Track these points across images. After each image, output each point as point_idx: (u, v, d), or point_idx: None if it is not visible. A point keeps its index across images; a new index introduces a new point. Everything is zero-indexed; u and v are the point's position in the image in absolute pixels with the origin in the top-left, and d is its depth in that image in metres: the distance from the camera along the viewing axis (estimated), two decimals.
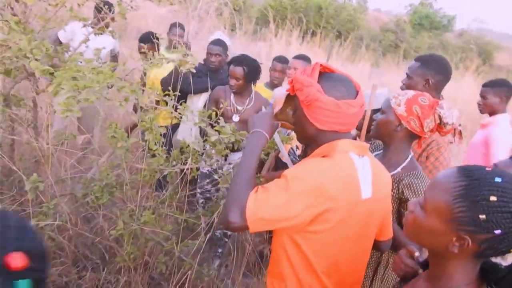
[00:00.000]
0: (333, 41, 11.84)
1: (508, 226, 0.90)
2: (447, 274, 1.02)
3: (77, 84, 1.48)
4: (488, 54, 19.67)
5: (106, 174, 2.19)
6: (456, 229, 0.95)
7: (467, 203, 0.93)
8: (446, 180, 0.99)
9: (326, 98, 1.35)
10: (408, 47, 17.36)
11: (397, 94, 1.85)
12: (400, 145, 1.86)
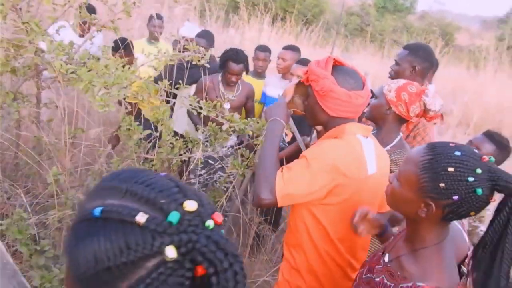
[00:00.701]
0: (300, 26, 12.00)
1: (464, 192, 1.08)
2: (420, 236, 1.22)
3: (106, 81, 1.61)
4: (450, 35, 20.30)
5: (117, 165, 2.31)
6: (423, 196, 1.14)
7: (430, 174, 1.12)
8: (415, 155, 1.19)
9: (339, 89, 1.55)
10: (374, 31, 17.73)
11: (391, 82, 2.07)
12: (390, 126, 2.08)
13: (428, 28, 19.58)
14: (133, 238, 0.53)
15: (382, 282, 1.26)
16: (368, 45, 13.85)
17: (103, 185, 0.62)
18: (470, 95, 9.01)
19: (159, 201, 0.56)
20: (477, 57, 13.05)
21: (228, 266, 0.53)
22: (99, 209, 0.56)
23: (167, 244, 0.53)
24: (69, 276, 0.60)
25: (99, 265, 0.54)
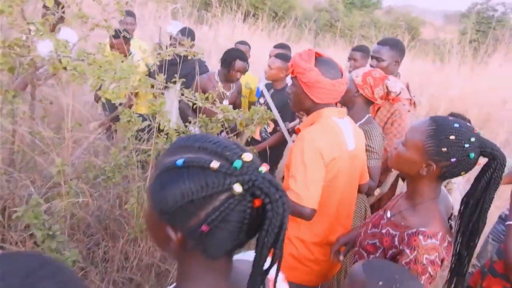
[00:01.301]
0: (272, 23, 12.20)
1: (460, 156, 1.36)
2: (419, 192, 1.50)
3: (114, 76, 1.75)
4: (415, 30, 20.91)
5: (115, 156, 2.45)
6: (426, 158, 1.42)
7: (435, 141, 1.39)
8: (421, 125, 1.45)
9: (324, 79, 1.78)
10: (343, 26, 18.12)
11: (358, 70, 2.37)
12: (358, 107, 2.37)
13: (394, 23, 20.14)
14: (210, 179, 0.71)
15: (388, 232, 1.52)
16: (338, 40, 14.16)
17: (178, 145, 0.79)
18: (436, 87, 9.43)
19: (225, 153, 0.74)
20: (441, 51, 13.53)
21: (278, 197, 0.71)
22: (181, 160, 0.74)
23: (234, 182, 0.71)
24: (153, 214, 0.79)
25: (185, 199, 0.72)
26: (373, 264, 1.33)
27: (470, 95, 9.59)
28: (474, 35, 17.64)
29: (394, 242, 1.48)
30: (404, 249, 1.41)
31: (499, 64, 11.04)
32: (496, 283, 1.89)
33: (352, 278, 1.27)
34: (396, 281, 1.17)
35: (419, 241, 1.38)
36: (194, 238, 0.75)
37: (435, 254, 1.37)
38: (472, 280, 2.09)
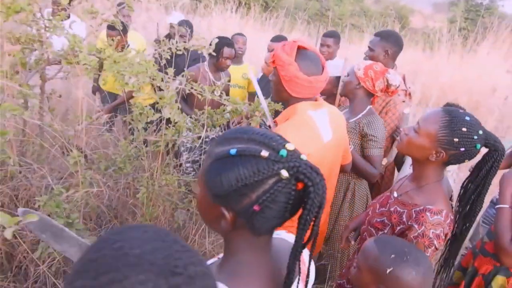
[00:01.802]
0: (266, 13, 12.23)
1: (469, 146, 1.51)
2: (425, 175, 1.64)
3: (132, 71, 1.84)
4: (405, 19, 21.03)
5: (126, 147, 2.54)
6: (437, 146, 1.55)
7: (448, 131, 1.52)
8: (435, 116, 1.57)
9: (301, 75, 1.80)
10: (333, 15, 18.17)
11: (360, 62, 2.46)
12: (360, 100, 2.48)
13: (384, 12, 20.23)
14: (261, 166, 0.82)
15: (396, 210, 1.66)
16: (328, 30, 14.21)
17: (226, 137, 0.90)
18: (427, 76, 9.57)
19: (271, 143, 0.85)
20: (431, 39, 13.65)
21: (319, 181, 0.83)
22: (234, 150, 0.84)
23: (281, 168, 0.82)
24: (207, 197, 0.90)
25: (239, 183, 0.83)
26: (384, 239, 1.45)
27: (460, 83, 9.75)
28: (463, 23, 17.81)
29: (402, 219, 1.63)
30: (412, 224, 1.57)
31: (487, 52, 11.20)
32: (487, 262, 2.03)
33: (366, 253, 1.39)
34: (406, 254, 1.30)
35: (426, 217, 1.54)
36: (245, 217, 0.87)
37: (440, 229, 1.53)
38: (464, 261, 2.22)
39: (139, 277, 0.49)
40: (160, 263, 0.51)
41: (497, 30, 11.71)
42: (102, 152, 2.66)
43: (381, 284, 1.32)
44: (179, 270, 0.52)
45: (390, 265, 1.30)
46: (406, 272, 1.29)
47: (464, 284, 2.11)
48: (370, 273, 1.36)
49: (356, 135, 2.45)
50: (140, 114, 2.28)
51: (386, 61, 3.01)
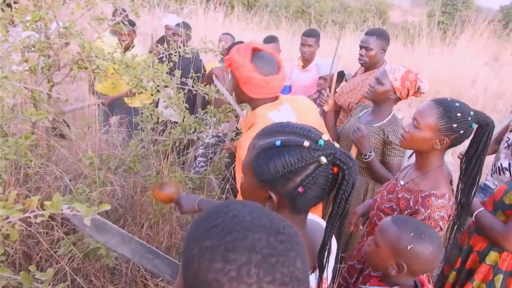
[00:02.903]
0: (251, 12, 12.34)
1: (466, 127, 1.69)
2: (429, 162, 1.82)
3: (148, 75, 1.95)
4: (383, 13, 21.34)
5: (135, 147, 2.64)
6: (439, 135, 1.73)
7: (446, 119, 1.69)
8: (429, 109, 1.74)
9: (257, 76, 1.80)
10: (314, 12, 18.36)
11: (392, 70, 2.52)
12: (388, 105, 2.60)
13: (364, 7, 20.51)
14: (304, 154, 0.96)
15: (403, 196, 1.82)
16: (312, 26, 14.38)
17: (268, 131, 1.04)
18: None
19: (310, 135, 0.99)
20: (411, 34, 13.92)
21: (352, 165, 0.97)
22: (279, 141, 0.97)
23: (321, 155, 0.96)
24: (254, 183, 1.04)
25: (285, 170, 0.96)
26: (401, 218, 1.61)
27: (440, 75, 10.00)
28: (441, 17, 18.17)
29: (409, 204, 1.80)
30: (419, 208, 1.74)
31: (465, 46, 11.50)
32: (481, 240, 2.19)
33: (385, 231, 1.55)
34: (423, 231, 1.46)
35: (431, 201, 1.71)
36: (289, 198, 1.01)
37: (444, 211, 1.71)
38: (460, 240, 2.39)
39: (256, 236, 0.62)
40: (267, 226, 0.64)
41: (474, 23, 12.02)
42: (111, 153, 2.76)
43: (400, 258, 1.48)
44: (281, 230, 0.65)
45: (410, 242, 1.45)
46: (424, 248, 1.46)
47: (460, 261, 2.27)
48: (390, 249, 1.51)
49: (378, 141, 2.54)
50: (150, 115, 2.38)
51: (382, 58, 3.17)
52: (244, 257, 0.59)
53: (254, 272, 0.58)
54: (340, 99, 3.29)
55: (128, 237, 1.48)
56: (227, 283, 0.58)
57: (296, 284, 0.61)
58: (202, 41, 2.65)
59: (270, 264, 0.60)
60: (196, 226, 0.66)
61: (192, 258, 0.63)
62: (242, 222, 0.63)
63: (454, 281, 2.31)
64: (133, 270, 2.53)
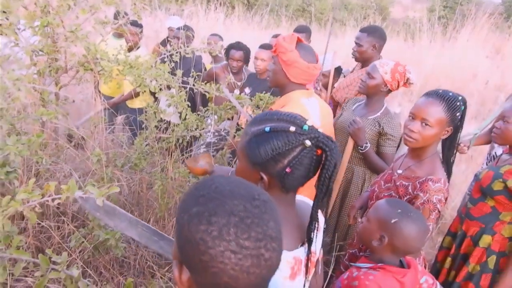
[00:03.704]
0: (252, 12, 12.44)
1: (461, 112, 1.83)
2: (426, 150, 1.92)
3: (152, 74, 2.06)
4: (385, 9, 21.37)
5: (140, 145, 2.75)
6: (447, 126, 1.85)
7: (451, 112, 1.81)
8: (435, 104, 1.84)
9: (301, 61, 2.09)
10: (315, 10, 18.44)
11: (382, 64, 2.66)
12: (380, 98, 2.72)
13: (365, 4, 20.56)
14: (290, 138, 1.07)
15: (401, 184, 1.94)
16: (312, 24, 14.46)
17: (259, 119, 1.15)
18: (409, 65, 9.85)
19: (296, 121, 1.11)
20: (412, 29, 13.97)
21: (333, 147, 1.08)
22: (268, 127, 1.08)
23: (305, 139, 1.07)
24: (247, 166, 1.14)
25: (274, 152, 1.07)
26: (394, 199, 1.77)
27: (441, 70, 10.05)
28: (442, 12, 18.17)
29: (408, 190, 1.92)
30: (418, 193, 1.86)
31: (466, 40, 11.53)
32: (474, 225, 2.29)
33: (377, 207, 1.69)
34: (410, 211, 1.57)
35: (429, 186, 1.83)
36: (278, 178, 1.12)
37: (441, 194, 1.83)
38: (453, 226, 2.48)
39: (234, 202, 0.73)
40: (244, 194, 0.76)
41: (474, 17, 12.04)
42: (117, 151, 2.87)
43: (384, 231, 1.59)
44: (256, 197, 0.76)
45: (395, 217, 1.57)
46: (407, 225, 1.58)
47: (455, 246, 2.37)
48: (377, 222, 1.65)
49: (374, 132, 2.66)
50: (154, 113, 2.49)
51: (374, 54, 3.27)
52: (224, 220, 0.71)
53: (233, 231, 0.70)
54: (337, 94, 3.39)
55: (135, 221, 1.60)
56: (211, 241, 0.70)
57: (269, 240, 0.73)
58: (202, 41, 2.75)
59: (246, 224, 0.71)
60: (186, 197, 0.78)
61: (183, 224, 0.74)
62: (222, 191, 0.75)
63: (450, 267, 2.41)
64: (141, 262, 2.64)
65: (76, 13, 2.39)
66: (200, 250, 0.71)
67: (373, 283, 1.55)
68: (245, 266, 0.70)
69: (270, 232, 0.73)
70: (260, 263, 0.71)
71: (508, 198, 2.13)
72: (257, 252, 0.71)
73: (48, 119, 2.66)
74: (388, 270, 1.60)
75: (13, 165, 1.62)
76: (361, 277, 1.60)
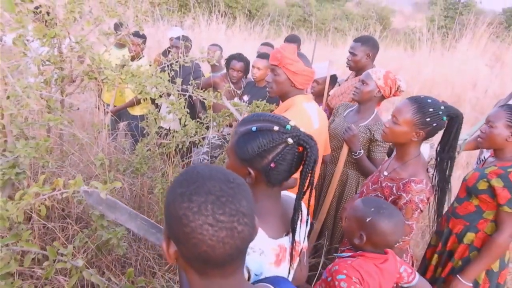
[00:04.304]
0: (252, 22, 12.63)
1: (438, 120, 1.92)
2: (407, 153, 2.03)
3: (152, 82, 2.19)
4: (386, 19, 21.58)
5: (141, 150, 2.87)
6: (416, 129, 1.95)
7: (420, 114, 1.92)
8: (405, 106, 1.97)
9: (307, 69, 2.30)
10: (316, 20, 18.66)
11: (374, 71, 2.78)
12: (372, 105, 2.84)
13: (366, 14, 20.80)
14: (274, 136, 1.19)
15: (387, 185, 2.06)
16: (313, 34, 14.63)
17: (247, 120, 1.27)
18: (409, 74, 10.00)
19: (279, 121, 1.23)
20: (412, 39, 14.12)
21: (313, 144, 1.20)
22: (254, 127, 1.20)
23: (288, 137, 1.19)
24: (236, 162, 1.26)
25: (260, 149, 1.19)
26: (369, 198, 1.87)
27: (441, 79, 10.18)
28: (443, 22, 18.35)
29: (392, 191, 2.03)
30: (401, 193, 1.97)
31: (466, 49, 11.67)
32: (459, 223, 2.40)
33: (354, 207, 1.80)
34: (382, 208, 1.68)
35: (411, 186, 1.94)
36: (264, 173, 1.24)
37: (423, 194, 1.93)
38: (440, 225, 2.59)
39: (212, 183, 0.86)
40: (221, 177, 0.88)
41: (473, 27, 12.18)
42: (119, 157, 2.99)
43: (362, 230, 1.71)
44: (231, 180, 0.89)
45: (370, 215, 1.68)
46: (381, 221, 1.70)
47: (441, 244, 2.48)
48: (355, 221, 1.75)
49: (365, 139, 2.78)
50: (154, 119, 2.61)
51: (368, 62, 3.40)
52: (203, 198, 0.83)
53: (210, 208, 0.83)
54: (332, 102, 3.51)
55: (135, 214, 1.72)
56: (192, 216, 0.82)
57: (241, 216, 0.85)
58: (200, 51, 2.89)
59: (221, 202, 0.84)
60: (174, 182, 0.90)
61: (169, 202, 0.87)
62: (203, 175, 0.88)
63: (437, 263, 2.52)
64: (141, 262, 2.75)
65: (82, 25, 2.52)
66: (183, 224, 0.83)
67: (350, 267, 1.66)
68: (221, 237, 0.82)
69: (242, 209, 0.85)
70: (234, 234, 0.84)
71: (491, 196, 2.24)
72: (231, 225, 0.83)
73: (55, 125, 2.80)
74: (367, 256, 1.73)
75: (22, 167, 1.74)
76: (341, 262, 1.71)
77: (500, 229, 2.22)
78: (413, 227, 1.97)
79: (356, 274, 1.63)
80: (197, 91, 2.85)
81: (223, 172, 0.90)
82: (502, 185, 2.19)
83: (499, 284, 2.38)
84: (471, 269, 2.26)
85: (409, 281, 1.81)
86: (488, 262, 2.25)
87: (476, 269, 2.26)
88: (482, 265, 2.25)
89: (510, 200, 2.17)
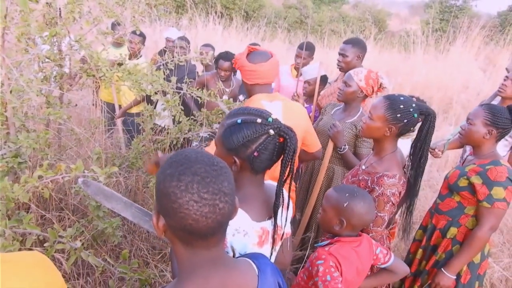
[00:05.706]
0: (248, 23, 12.74)
1: (409, 117, 2.02)
2: (384, 148, 2.15)
3: (148, 79, 2.30)
4: (382, 22, 21.75)
5: (137, 145, 2.98)
6: (387, 124, 2.06)
7: (391, 111, 2.03)
8: (379, 103, 2.09)
9: (247, 63, 2.34)
10: (312, 22, 18.80)
11: (356, 72, 2.91)
12: (357, 103, 2.98)
13: (362, 16, 20.95)
14: (257, 128, 1.31)
15: (363, 178, 2.18)
16: (309, 36, 14.77)
17: (232, 113, 1.39)
18: (402, 76, 10.14)
19: (262, 114, 1.35)
20: (406, 41, 14.26)
21: (292, 135, 1.32)
22: (240, 119, 1.32)
23: (270, 129, 1.31)
24: (223, 151, 1.38)
25: (245, 139, 1.31)
26: (339, 186, 2.00)
27: (434, 81, 10.30)
28: (438, 25, 18.51)
29: (367, 184, 2.15)
30: (374, 187, 2.09)
31: (460, 52, 11.81)
32: (442, 218, 2.53)
33: (328, 197, 1.92)
34: (355, 192, 1.81)
35: (384, 180, 2.06)
36: (248, 161, 1.36)
37: (395, 188, 2.05)
38: (424, 221, 2.72)
39: (198, 165, 0.97)
40: (206, 161, 0.99)
41: (467, 30, 12.32)
42: (115, 152, 3.10)
43: (341, 216, 1.83)
44: (215, 163, 1.00)
45: (346, 200, 1.80)
46: (357, 203, 1.83)
47: (425, 239, 2.61)
48: (332, 209, 1.87)
49: (351, 135, 2.92)
50: (150, 116, 2.73)
51: (357, 63, 3.54)
52: (189, 178, 0.94)
53: (195, 187, 0.93)
54: (322, 102, 3.64)
55: (129, 203, 1.84)
56: (179, 193, 0.93)
57: (222, 195, 0.96)
58: (194, 51, 3.01)
59: (206, 182, 0.95)
60: (164, 164, 1.01)
61: (160, 181, 0.98)
62: (190, 158, 0.99)
63: (421, 257, 2.65)
64: (135, 253, 2.86)
65: (81, 25, 2.64)
66: (172, 200, 0.94)
67: (327, 253, 1.78)
68: (204, 212, 0.94)
69: (223, 189, 0.97)
70: (215, 210, 0.95)
71: (471, 193, 2.36)
72: (213, 203, 0.94)
73: (53, 120, 2.91)
74: (343, 241, 1.85)
75: (23, 157, 1.86)
76: (320, 250, 1.83)
77: (480, 224, 2.35)
78: (385, 219, 2.09)
79: (332, 258, 1.75)
80: (192, 89, 2.96)
81: (208, 156, 1.01)
82: (481, 182, 2.32)
83: (480, 275, 2.50)
84: (454, 262, 2.38)
85: (385, 262, 1.94)
86: (471, 255, 2.37)
87: (459, 263, 2.38)
88: (465, 258, 2.38)
89: (489, 196, 2.29)
